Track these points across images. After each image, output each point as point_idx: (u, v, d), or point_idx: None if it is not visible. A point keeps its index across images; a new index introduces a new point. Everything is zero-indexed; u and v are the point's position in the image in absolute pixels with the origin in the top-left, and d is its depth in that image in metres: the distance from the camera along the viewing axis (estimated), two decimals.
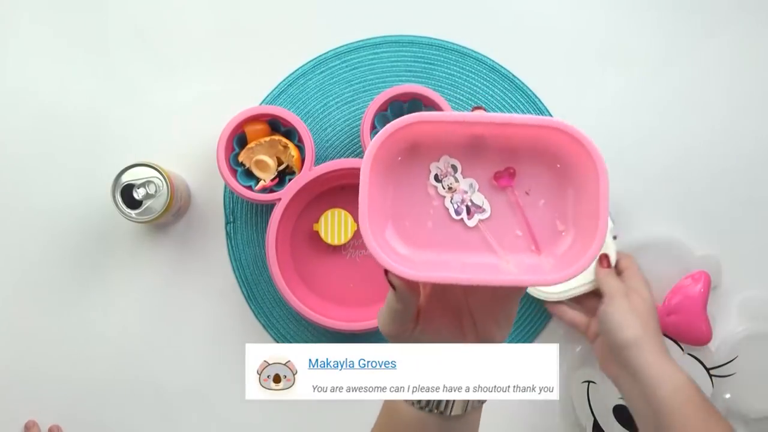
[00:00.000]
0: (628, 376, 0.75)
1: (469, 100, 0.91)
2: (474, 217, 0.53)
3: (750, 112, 0.93)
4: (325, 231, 0.85)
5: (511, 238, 0.52)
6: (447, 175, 0.53)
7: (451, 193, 0.53)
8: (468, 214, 0.53)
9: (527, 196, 0.53)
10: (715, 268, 0.89)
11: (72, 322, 0.90)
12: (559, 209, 0.53)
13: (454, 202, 0.53)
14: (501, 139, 0.52)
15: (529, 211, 0.52)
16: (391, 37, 0.91)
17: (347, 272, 0.87)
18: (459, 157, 0.52)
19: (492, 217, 0.52)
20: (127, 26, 0.91)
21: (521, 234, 0.53)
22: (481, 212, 0.53)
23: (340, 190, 0.86)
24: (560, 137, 0.50)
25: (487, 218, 0.53)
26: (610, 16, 0.93)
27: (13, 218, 0.90)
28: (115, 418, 0.90)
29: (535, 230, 0.53)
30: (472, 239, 0.52)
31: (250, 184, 0.83)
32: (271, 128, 0.84)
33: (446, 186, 0.53)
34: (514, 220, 0.53)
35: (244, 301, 0.90)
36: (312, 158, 0.82)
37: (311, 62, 0.91)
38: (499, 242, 0.53)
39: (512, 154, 0.52)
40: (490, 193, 0.53)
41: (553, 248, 0.52)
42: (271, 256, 0.82)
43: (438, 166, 0.52)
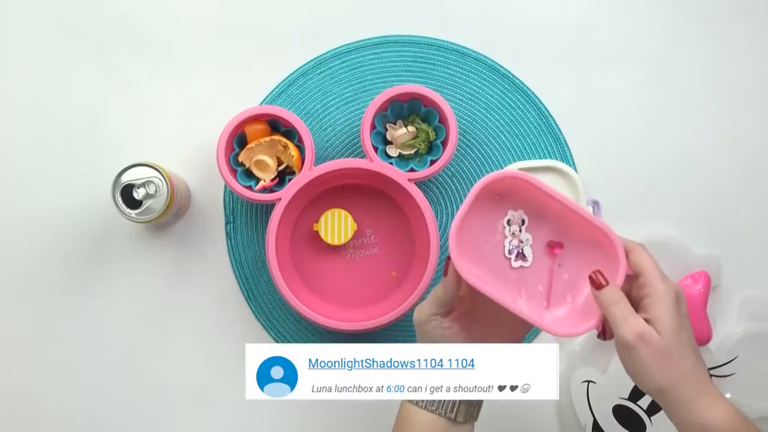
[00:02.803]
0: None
1: (469, 100, 0.91)
2: (518, 261, 0.71)
3: (750, 111, 0.93)
4: (325, 231, 0.85)
5: (534, 288, 0.70)
6: (516, 224, 0.71)
7: (511, 237, 0.71)
8: (515, 257, 0.71)
9: (559, 267, 0.71)
10: (715, 268, 0.89)
11: (71, 321, 0.90)
12: (575, 287, 0.70)
13: (510, 244, 0.71)
14: (566, 218, 0.68)
15: (554, 278, 0.71)
16: (391, 37, 0.91)
17: (347, 272, 0.87)
18: (530, 214, 0.70)
19: (530, 267, 0.70)
20: (128, 26, 0.91)
21: (542, 289, 0.70)
22: (525, 261, 0.71)
23: (341, 190, 0.86)
24: (604, 238, 0.67)
25: (526, 267, 0.70)
26: (610, 16, 0.93)
27: (12, 219, 0.90)
28: (115, 418, 0.90)
29: (552, 293, 0.70)
30: (509, 275, 0.70)
31: (250, 184, 0.83)
32: (271, 128, 0.84)
33: (511, 231, 0.71)
34: (542, 277, 0.70)
35: (244, 301, 0.90)
36: (312, 158, 0.82)
37: (311, 62, 0.91)
38: (525, 287, 0.70)
39: (566, 231, 0.70)
40: (537, 250, 0.70)
41: (555, 310, 0.70)
42: (271, 256, 0.82)
43: (513, 214, 0.71)
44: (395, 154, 0.85)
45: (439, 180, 0.91)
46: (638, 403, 0.87)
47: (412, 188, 0.83)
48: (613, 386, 0.87)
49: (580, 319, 0.67)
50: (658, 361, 0.62)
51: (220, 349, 0.89)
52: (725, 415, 0.63)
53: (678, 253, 0.89)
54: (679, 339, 0.63)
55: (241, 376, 0.72)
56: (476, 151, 0.91)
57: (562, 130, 0.91)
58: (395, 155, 0.85)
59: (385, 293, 0.87)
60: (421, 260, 0.84)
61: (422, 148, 0.85)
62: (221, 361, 0.89)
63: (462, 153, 0.91)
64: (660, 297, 0.63)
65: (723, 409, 0.63)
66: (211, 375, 0.89)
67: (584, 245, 0.69)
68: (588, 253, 0.69)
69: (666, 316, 0.63)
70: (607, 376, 0.87)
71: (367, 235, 0.87)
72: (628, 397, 0.87)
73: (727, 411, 0.63)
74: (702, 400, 0.63)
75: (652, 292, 0.64)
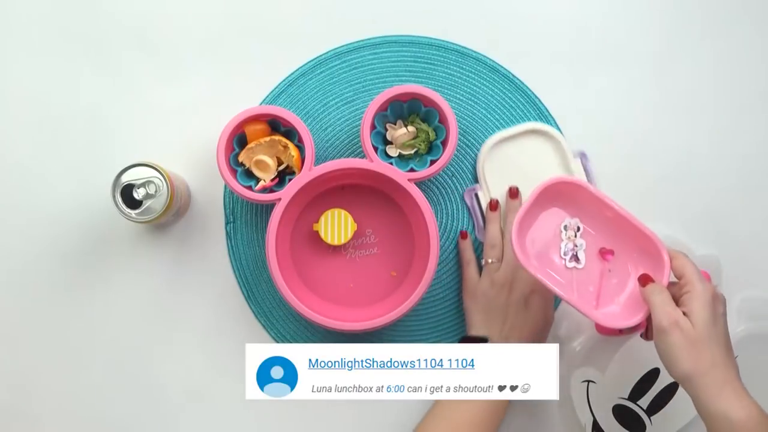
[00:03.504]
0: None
1: (469, 100, 0.91)
2: (572, 263, 0.79)
3: (750, 111, 0.93)
4: (325, 231, 0.85)
5: (585, 289, 0.79)
6: (572, 229, 0.80)
7: (567, 240, 0.79)
8: (569, 259, 0.79)
9: (609, 272, 0.79)
10: (715, 268, 0.89)
11: (71, 321, 0.90)
12: (623, 291, 0.78)
13: (566, 247, 0.80)
14: (618, 225, 0.77)
15: (604, 282, 0.79)
16: (391, 37, 0.91)
17: (347, 272, 0.87)
18: (585, 221, 0.79)
19: (582, 269, 0.79)
20: (128, 26, 0.91)
21: (592, 290, 0.79)
22: (578, 263, 0.79)
23: (340, 190, 0.86)
24: (651, 246, 0.75)
25: (579, 269, 0.79)
26: (610, 16, 0.93)
27: (13, 218, 0.90)
28: (115, 418, 0.90)
29: (601, 295, 0.78)
30: (563, 273, 0.79)
31: (250, 184, 0.83)
32: (271, 128, 0.84)
33: (567, 236, 0.80)
34: (593, 280, 0.79)
35: (244, 302, 0.90)
36: (312, 158, 0.82)
37: (311, 62, 0.91)
38: (577, 287, 0.78)
39: (617, 238, 0.78)
40: (590, 254, 0.79)
41: (603, 308, 0.77)
42: (271, 256, 0.81)
43: (570, 221, 0.80)
44: (395, 154, 0.85)
45: (440, 180, 0.91)
46: (638, 403, 0.87)
47: (412, 188, 0.83)
48: (613, 386, 0.87)
49: (628, 316, 0.75)
50: (688, 348, 0.68)
51: (220, 349, 0.89)
52: (748, 409, 0.67)
53: None
54: (711, 332, 0.68)
55: (241, 375, 0.72)
56: (476, 150, 0.91)
57: (561, 130, 0.91)
58: (395, 155, 0.85)
59: (385, 293, 0.86)
60: (421, 260, 0.84)
61: (422, 148, 0.85)
62: (221, 361, 0.89)
63: (462, 153, 0.91)
64: (697, 294, 0.70)
65: (746, 403, 0.67)
66: (211, 374, 0.89)
67: (633, 252, 0.78)
68: (636, 260, 0.78)
69: (700, 309, 0.69)
70: (607, 376, 0.87)
71: (367, 235, 0.87)
72: (628, 397, 0.87)
73: (751, 406, 0.67)
74: (726, 391, 0.67)
75: (691, 290, 0.70)
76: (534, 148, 0.90)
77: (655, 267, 0.75)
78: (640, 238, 0.76)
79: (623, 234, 0.78)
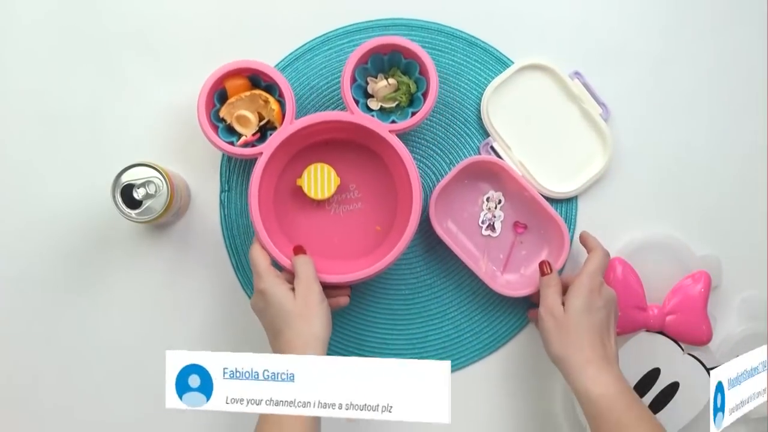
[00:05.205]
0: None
1: (473, 90, 0.92)
2: (487, 231, 0.89)
3: (750, 111, 0.93)
4: (309, 185, 0.84)
5: (496, 256, 0.89)
6: (494, 201, 0.89)
7: (486, 210, 0.89)
8: (485, 228, 0.89)
9: (520, 244, 0.89)
10: (715, 268, 0.89)
11: (71, 321, 0.90)
12: (528, 263, 0.89)
13: (484, 216, 0.89)
14: (534, 206, 0.88)
15: (514, 252, 0.89)
16: (402, 20, 0.92)
17: (331, 227, 0.86)
18: (506, 196, 0.89)
19: (496, 238, 0.89)
20: (128, 26, 0.92)
21: (502, 257, 0.89)
22: (493, 232, 0.89)
23: (324, 145, 0.86)
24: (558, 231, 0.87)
25: (493, 237, 0.89)
26: (611, 16, 0.94)
27: (13, 218, 0.91)
28: (115, 418, 0.89)
29: (509, 263, 0.89)
30: (478, 240, 0.89)
31: (232, 140, 0.83)
32: (252, 83, 0.84)
33: (487, 207, 0.89)
34: (504, 248, 0.90)
35: (244, 301, 0.90)
36: (293, 112, 0.82)
37: (320, 38, 0.91)
38: (489, 252, 0.89)
39: (532, 217, 0.89)
40: (506, 225, 0.89)
41: (508, 275, 0.89)
42: (254, 211, 0.80)
43: (492, 193, 0.89)
44: (377, 108, 0.85)
45: (425, 137, 0.91)
46: None
47: (394, 140, 0.82)
48: None
49: (524, 287, 0.87)
50: (557, 333, 0.78)
51: (219, 349, 0.88)
52: (605, 386, 0.74)
53: (678, 253, 0.90)
54: (580, 320, 0.77)
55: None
56: (480, 141, 0.91)
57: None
58: (377, 108, 0.85)
59: (370, 248, 0.85)
60: (404, 214, 0.83)
61: (403, 101, 0.85)
62: None
63: (462, 142, 0.91)
64: (576, 286, 0.79)
65: (605, 380, 0.74)
66: None
67: (543, 232, 0.89)
68: (545, 238, 0.89)
69: (574, 299, 0.78)
70: None
71: (350, 190, 0.86)
72: None
73: (609, 383, 0.74)
74: (588, 371, 0.75)
75: (576, 282, 0.79)
76: (531, 83, 0.91)
77: (558, 249, 0.87)
78: (551, 221, 0.87)
79: (537, 214, 0.88)
